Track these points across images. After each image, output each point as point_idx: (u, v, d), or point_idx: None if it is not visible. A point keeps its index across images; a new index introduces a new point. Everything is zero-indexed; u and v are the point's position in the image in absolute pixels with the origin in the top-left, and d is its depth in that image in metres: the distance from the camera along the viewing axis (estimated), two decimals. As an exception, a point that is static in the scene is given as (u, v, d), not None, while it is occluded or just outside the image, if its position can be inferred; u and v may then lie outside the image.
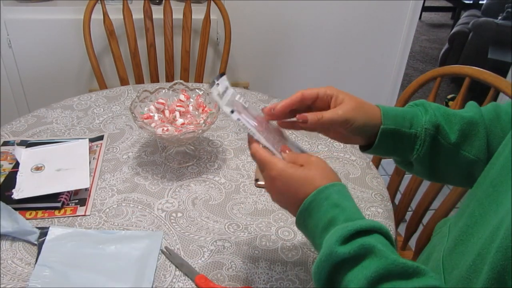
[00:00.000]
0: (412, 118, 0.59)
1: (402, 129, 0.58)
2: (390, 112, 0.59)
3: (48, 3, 1.61)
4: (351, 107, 0.57)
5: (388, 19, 1.88)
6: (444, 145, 0.59)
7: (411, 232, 1.10)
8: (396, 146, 0.60)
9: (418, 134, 0.58)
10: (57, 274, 0.65)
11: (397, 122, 0.58)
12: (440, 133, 0.59)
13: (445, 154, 0.59)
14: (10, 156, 0.90)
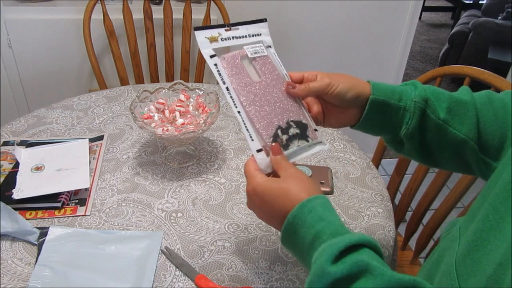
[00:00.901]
0: (402, 93, 0.60)
1: (391, 101, 0.59)
2: (380, 85, 0.61)
3: (48, 3, 1.61)
4: (333, 75, 0.60)
5: (388, 19, 1.88)
6: (433, 120, 0.59)
7: (411, 232, 1.10)
8: (385, 119, 0.60)
9: (408, 107, 0.59)
10: (57, 274, 0.65)
11: (386, 94, 0.59)
12: (429, 107, 0.59)
13: (435, 130, 0.60)
14: (10, 156, 0.90)
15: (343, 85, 0.59)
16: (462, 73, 1.00)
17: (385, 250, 0.73)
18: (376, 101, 0.59)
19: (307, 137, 0.59)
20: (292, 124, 0.59)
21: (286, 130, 0.58)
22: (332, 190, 0.85)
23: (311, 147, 0.60)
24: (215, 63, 0.58)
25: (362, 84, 0.60)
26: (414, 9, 1.86)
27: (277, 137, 0.57)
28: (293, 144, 0.58)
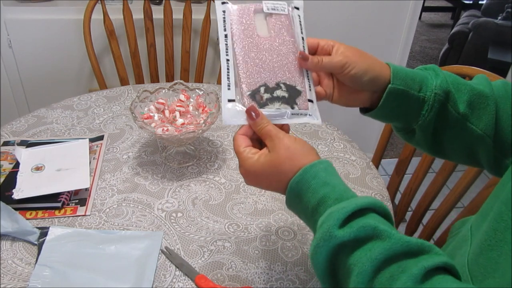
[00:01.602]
0: (422, 81, 0.56)
1: (410, 91, 0.55)
2: (401, 71, 0.56)
3: (48, 3, 1.61)
4: (351, 52, 0.55)
5: (388, 19, 1.88)
6: (451, 113, 0.56)
7: (411, 232, 1.10)
8: (401, 109, 0.57)
9: (427, 98, 0.55)
10: (57, 274, 0.65)
11: (406, 83, 0.55)
12: (450, 101, 0.56)
13: (451, 124, 0.56)
14: (10, 156, 0.90)
15: (359, 67, 0.55)
16: (462, 73, 1.00)
17: (385, 250, 0.73)
18: (395, 91, 0.55)
19: (294, 104, 0.55)
20: (282, 86, 0.55)
21: (271, 90, 0.54)
22: (332, 190, 0.85)
23: (294, 115, 0.55)
24: (223, 10, 0.55)
25: (380, 67, 0.56)
26: (414, 9, 1.86)
27: (256, 93, 0.53)
28: (272, 105, 0.54)
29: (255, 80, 0.54)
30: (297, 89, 0.55)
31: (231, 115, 0.52)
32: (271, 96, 0.54)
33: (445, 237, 0.98)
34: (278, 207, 0.81)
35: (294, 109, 0.55)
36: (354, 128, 2.00)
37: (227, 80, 0.54)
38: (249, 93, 0.53)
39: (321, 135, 1.03)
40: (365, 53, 0.57)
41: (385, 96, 0.55)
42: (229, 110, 0.52)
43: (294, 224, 0.77)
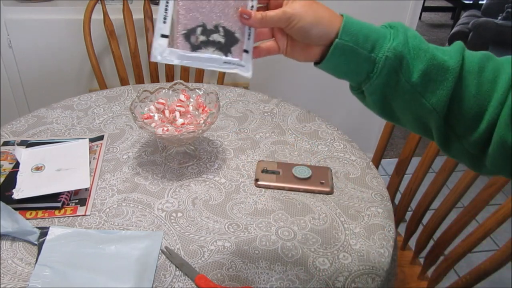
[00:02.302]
0: (376, 40, 0.51)
1: (360, 49, 0.51)
2: (353, 26, 0.52)
3: (48, 3, 1.61)
4: (300, 4, 0.52)
5: (388, 19, 1.88)
6: (401, 82, 0.51)
7: (411, 232, 1.10)
8: (349, 67, 0.53)
9: (378, 60, 0.51)
10: (57, 274, 0.65)
11: (357, 40, 0.51)
12: (402, 67, 0.51)
13: (401, 93, 0.52)
14: (10, 156, 0.90)
15: (306, 20, 0.51)
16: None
17: (385, 250, 0.73)
18: (342, 47, 0.51)
19: (228, 52, 0.53)
20: (220, 30, 0.52)
21: (208, 32, 0.52)
22: (332, 190, 0.85)
23: (226, 64, 0.53)
24: None
25: (330, 20, 0.52)
26: (414, 9, 1.86)
27: (192, 33, 0.51)
28: (206, 49, 0.52)
29: (194, 18, 0.51)
30: (235, 36, 0.53)
31: (161, 51, 0.50)
32: (207, 40, 0.52)
33: (445, 237, 0.98)
34: (278, 207, 0.81)
35: (227, 57, 0.53)
36: (354, 128, 2.00)
37: (165, 11, 0.50)
38: (184, 32, 0.51)
39: (321, 135, 1.03)
40: (318, 5, 0.53)
41: (331, 50, 0.52)
42: (160, 46, 0.50)
43: (294, 224, 0.77)
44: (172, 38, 0.51)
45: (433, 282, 0.99)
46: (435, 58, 0.51)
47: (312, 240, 0.74)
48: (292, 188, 0.85)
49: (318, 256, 0.71)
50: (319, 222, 0.78)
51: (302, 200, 0.83)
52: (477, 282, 0.88)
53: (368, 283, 0.67)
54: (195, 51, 0.51)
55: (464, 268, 1.62)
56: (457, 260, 0.93)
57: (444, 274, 0.97)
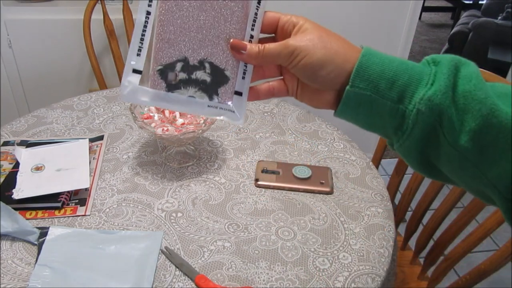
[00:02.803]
0: (406, 86, 0.37)
1: (381, 99, 0.38)
2: (372, 66, 0.38)
3: (48, 3, 1.61)
4: (308, 36, 0.40)
5: (388, 19, 1.88)
6: (444, 145, 0.37)
7: (411, 232, 1.10)
8: (372, 120, 0.40)
9: (407, 114, 0.37)
10: (57, 274, 0.65)
11: (377, 86, 0.38)
12: (443, 126, 0.36)
13: (445, 157, 0.38)
14: (10, 156, 0.90)
15: (313, 57, 0.39)
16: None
17: (385, 250, 0.73)
18: (356, 96, 0.39)
19: (213, 94, 0.43)
20: (206, 66, 0.43)
21: (190, 68, 0.42)
22: (332, 190, 0.85)
23: (211, 108, 0.43)
24: None
25: (345, 56, 0.39)
26: (414, 9, 1.86)
27: (170, 69, 0.42)
28: (186, 90, 0.42)
29: (173, 50, 0.42)
30: (224, 74, 0.43)
31: (131, 90, 0.41)
32: (188, 78, 0.43)
33: (445, 237, 0.98)
34: (278, 207, 0.81)
35: (212, 100, 0.43)
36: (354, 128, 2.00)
37: (140, 42, 0.42)
38: (160, 67, 0.42)
39: (321, 135, 1.03)
40: (331, 36, 0.41)
41: (341, 102, 0.40)
42: (130, 83, 0.41)
43: (294, 224, 0.77)
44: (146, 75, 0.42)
45: (433, 282, 0.99)
46: (495, 113, 0.35)
47: (312, 240, 0.74)
48: (292, 188, 0.85)
49: (318, 256, 0.71)
50: (319, 222, 0.78)
51: (302, 200, 0.83)
52: (477, 282, 0.88)
53: (368, 283, 0.67)
54: (172, 91, 0.42)
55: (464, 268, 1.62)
56: (457, 260, 0.93)
57: (444, 274, 0.97)
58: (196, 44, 0.42)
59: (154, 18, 0.41)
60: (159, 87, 0.42)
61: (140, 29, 0.41)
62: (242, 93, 0.44)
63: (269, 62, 0.43)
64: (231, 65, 0.43)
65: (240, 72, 0.44)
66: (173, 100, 0.42)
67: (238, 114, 0.44)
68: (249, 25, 0.43)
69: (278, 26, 0.43)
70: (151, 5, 0.41)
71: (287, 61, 0.41)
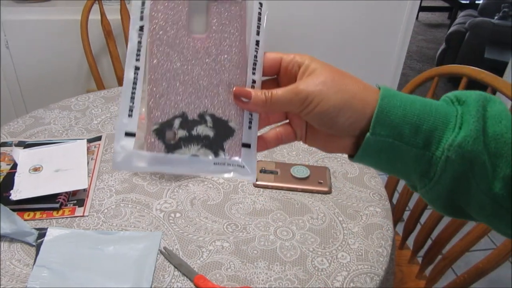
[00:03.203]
0: (432, 131, 0.34)
1: (404, 145, 0.35)
2: (393, 110, 0.35)
3: (46, 4, 1.60)
4: (319, 78, 0.36)
5: (385, 19, 1.89)
6: (475, 192, 0.35)
7: (409, 231, 1.11)
8: (394, 166, 0.37)
9: (435, 161, 0.34)
10: (55, 275, 0.65)
11: (400, 132, 0.35)
12: (475, 172, 0.34)
13: (475, 204, 0.36)
14: (8, 157, 0.90)
15: (329, 103, 0.35)
16: (459, 72, 1.01)
17: (384, 250, 0.73)
18: (377, 144, 0.36)
19: (219, 149, 0.39)
20: (207, 119, 0.38)
21: (190, 124, 0.38)
22: (330, 190, 0.85)
23: (218, 166, 0.39)
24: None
25: (362, 99, 0.36)
26: (411, 9, 1.86)
27: (167, 127, 0.37)
28: (187, 149, 0.38)
29: (169, 106, 0.37)
30: (229, 126, 0.39)
31: (126, 156, 0.36)
32: (188, 135, 0.38)
33: (443, 236, 0.98)
34: (277, 207, 0.81)
35: (218, 156, 0.39)
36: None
37: (131, 101, 0.37)
38: (156, 127, 0.37)
39: (319, 135, 1.03)
40: (343, 76, 0.37)
41: (361, 149, 0.37)
42: (123, 149, 0.36)
43: (293, 224, 0.77)
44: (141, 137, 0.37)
45: (431, 281, 0.99)
46: None
47: (311, 239, 0.74)
48: (290, 188, 0.85)
49: (316, 255, 0.71)
50: (317, 221, 0.78)
51: (301, 200, 0.83)
52: (474, 281, 0.88)
53: (367, 282, 0.67)
54: (172, 152, 0.38)
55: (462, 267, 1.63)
56: (455, 259, 0.94)
57: (442, 273, 0.97)
58: (194, 96, 0.38)
59: (144, 73, 0.37)
60: (157, 149, 0.38)
61: (129, 87, 0.37)
62: (251, 144, 0.40)
63: (278, 111, 0.39)
64: (235, 115, 0.39)
65: (246, 122, 0.40)
66: (174, 162, 0.38)
67: (248, 169, 0.40)
68: (250, 69, 0.39)
69: (281, 67, 0.40)
70: (139, 59, 0.37)
71: (298, 109, 0.37)
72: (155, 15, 0.37)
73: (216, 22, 0.38)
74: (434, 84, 1.05)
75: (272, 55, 0.40)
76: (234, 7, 0.38)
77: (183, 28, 0.38)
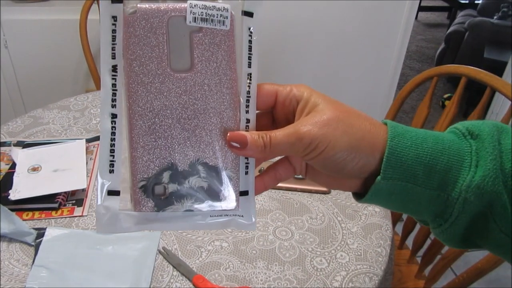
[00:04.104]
0: (447, 172, 0.32)
1: (418, 187, 0.33)
2: (404, 151, 0.32)
3: (45, 4, 1.60)
4: (323, 120, 0.33)
5: (384, 19, 1.88)
6: (494, 231, 0.33)
7: (408, 231, 1.11)
8: (406, 207, 0.35)
9: (450, 202, 0.33)
10: (54, 274, 0.65)
11: (414, 175, 0.33)
12: (494, 213, 0.32)
13: (493, 242, 0.34)
14: (6, 157, 0.90)
15: (336, 148, 0.32)
16: (458, 72, 1.01)
17: (382, 249, 0.73)
18: (388, 188, 0.33)
19: (214, 201, 0.35)
20: (200, 169, 0.34)
21: (181, 176, 0.34)
22: (329, 190, 0.85)
23: (215, 218, 0.35)
24: (113, 15, 0.31)
25: (372, 142, 0.33)
26: (411, 9, 1.86)
27: (156, 182, 0.33)
28: (180, 204, 0.34)
29: (156, 158, 0.33)
30: (224, 175, 0.35)
31: (111, 218, 0.32)
32: (179, 188, 0.34)
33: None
34: (276, 206, 0.81)
35: (214, 208, 0.35)
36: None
37: (110, 154, 0.32)
38: (142, 183, 0.33)
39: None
40: (350, 117, 0.34)
41: (370, 192, 0.34)
42: (108, 210, 0.32)
43: (292, 224, 0.77)
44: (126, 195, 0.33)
45: (430, 281, 0.99)
46: None
47: (310, 239, 0.74)
48: (289, 187, 0.85)
49: (315, 255, 0.71)
50: (316, 221, 0.78)
51: (300, 199, 0.83)
52: (473, 281, 0.88)
53: (366, 282, 0.67)
54: (163, 210, 0.34)
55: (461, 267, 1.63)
56: (454, 259, 0.94)
57: (441, 273, 0.97)
58: (182, 145, 0.33)
59: (123, 120, 0.33)
60: (146, 208, 0.33)
61: (107, 139, 0.32)
62: (248, 191, 0.36)
63: (278, 155, 0.35)
64: (230, 162, 0.35)
65: (242, 167, 0.35)
66: (166, 220, 0.34)
67: (247, 217, 0.36)
68: (243, 107, 0.34)
69: (277, 101, 0.36)
70: (116, 105, 0.32)
71: (301, 154, 0.34)
72: (131, 48, 0.31)
73: (200, 55, 0.33)
74: (433, 83, 1.05)
75: (267, 87, 0.36)
76: (220, 36, 0.33)
77: (162, 62, 0.32)
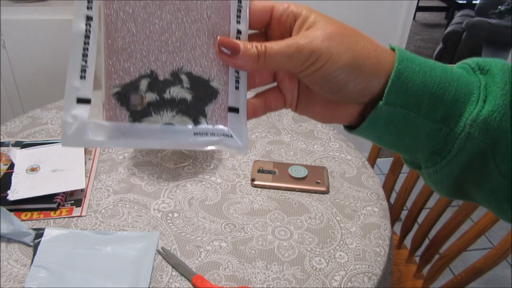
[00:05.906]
0: (453, 103, 0.29)
1: (420, 117, 0.30)
2: (413, 74, 0.30)
3: (43, 4, 1.60)
4: (326, 34, 0.30)
5: (382, 19, 1.89)
6: (492, 173, 0.30)
7: (407, 231, 1.11)
8: (402, 140, 0.32)
9: (451, 138, 0.30)
10: (53, 275, 0.65)
11: (418, 103, 0.30)
12: (497, 153, 0.30)
13: (488, 186, 0.31)
14: (5, 157, 0.89)
15: (339, 62, 0.29)
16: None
17: (381, 249, 0.73)
18: (389, 115, 0.30)
19: (198, 116, 0.31)
20: (183, 78, 0.30)
21: (161, 85, 0.30)
22: (328, 190, 0.85)
23: (199, 136, 0.31)
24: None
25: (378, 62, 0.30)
26: (409, 9, 1.87)
27: (132, 90, 0.30)
28: (158, 116, 0.30)
29: (133, 64, 0.30)
30: (211, 86, 0.31)
31: (79, 129, 0.29)
32: (159, 99, 0.30)
33: (441, 236, 0.99)
34: (275, 206, 0.81)
35: (199, 124, 0.31)
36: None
37: (83, 59, 0.29)
38: (116, 89, 0.30)
39: (316, 135, 1.03)
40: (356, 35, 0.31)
41: (368, 119, 0.31)
42: (75, 119, 0.29)
43: (291, 224, 0.77)
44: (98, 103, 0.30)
45: (429, 280, 0.99)
46: None
47: (309, 239, 0.74)
48: (288, 187, 0.85)
49: (314, 255, 0.71)
50: (315, 221, 0.78)
51: (298, 199, 0.83)
52: (472, 281, 0.88)
53: (365, 282, 0.67)
54: (139, 121, 0.30)
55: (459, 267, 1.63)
56: (452, 259, 0.94)
57: (440, 272, 0.97)
58: (165, 50, 0.30)
59: (98, 23, 0.29)
60: (120, 118, 0.30)
61: (80, 42, 0.29)
62: (239, 108, 0.32)
63: (272, 69, 0.32)
64: (218, 72, 0.31)
65: (232, 81, 0.31)
66: (142, 133, 0.30)
67: (238, 139, 0.32)
68: (233, 17, 0.31)
69: (272, 18, 0.32)
70: (91, 6, 0.29)
71: (299, 68, 0.30)
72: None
73: None
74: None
75: (261, 2, 0.31)
76: None
77: None
